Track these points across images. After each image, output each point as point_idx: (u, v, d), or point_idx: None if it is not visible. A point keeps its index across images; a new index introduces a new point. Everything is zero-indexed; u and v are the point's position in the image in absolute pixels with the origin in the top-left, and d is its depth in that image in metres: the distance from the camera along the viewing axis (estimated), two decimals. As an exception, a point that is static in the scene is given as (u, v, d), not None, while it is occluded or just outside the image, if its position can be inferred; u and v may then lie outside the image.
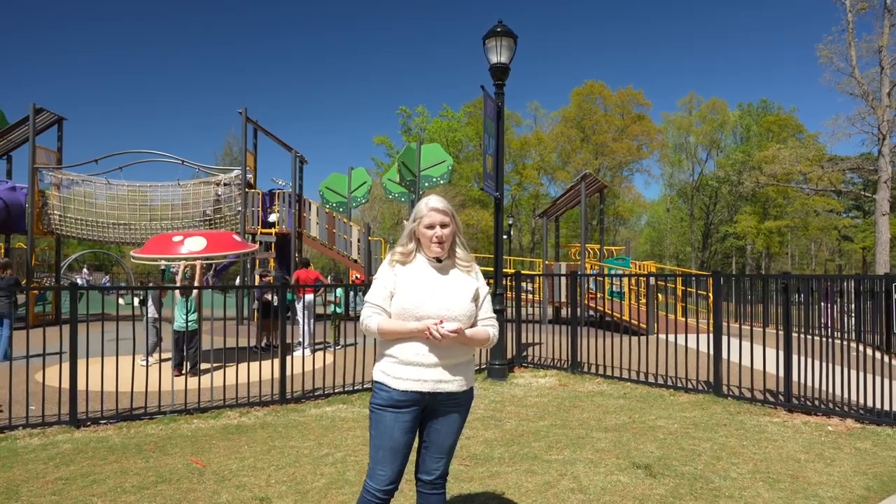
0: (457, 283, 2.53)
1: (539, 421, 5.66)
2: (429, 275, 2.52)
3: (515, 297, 8.53)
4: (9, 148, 15.49)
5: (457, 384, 2.49)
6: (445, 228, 2.51)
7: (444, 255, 2.54)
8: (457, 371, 2.49)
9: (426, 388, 2.43)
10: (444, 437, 2.55)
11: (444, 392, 2.46)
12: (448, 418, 2.53)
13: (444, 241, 2.51)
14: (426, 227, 2.51)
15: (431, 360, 2.43)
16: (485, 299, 2.60)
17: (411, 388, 2.43)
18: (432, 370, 2.44)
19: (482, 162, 7.33)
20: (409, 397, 2.44)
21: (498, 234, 7.89)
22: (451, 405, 2.52)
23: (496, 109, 7.69)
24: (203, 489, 3.97)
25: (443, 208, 2.52)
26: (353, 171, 17.63)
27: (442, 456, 2.56)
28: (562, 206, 16.04)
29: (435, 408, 2.51)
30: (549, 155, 55.84)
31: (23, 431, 5.36)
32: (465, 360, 2.53)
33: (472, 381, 2.59)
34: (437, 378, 2.44)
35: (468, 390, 2.58)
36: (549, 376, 7.82)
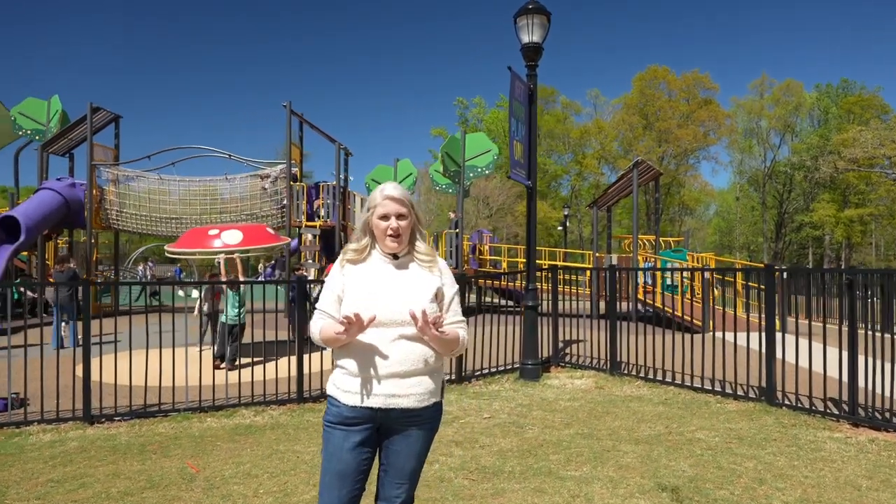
0: (415, 281, 2.20)
1: (564, 429, 5.19)
2: (382, 273, 2.20)
3: (552, 291, 8.02)
4: (70, 146, 16.11)
5: (413, 399, 2.13)
6: (402, 220, 2.19)
7: (401, 249, 2.22)
8: (413, 384, 2.13)
9: (376, 403, 2.11)
10: (404, 459, 2.20)
11: (397, 408, 2.12)
12: (407, 438, 2.19)
13: (401, 234, 2.19)
14: (380, 217, 2.20)
15: (382, 370, 2.10)
16: (452, 300, 2.25)
17: (360, 404, 2.11)
18: (383, 383, 2.10)
19: (511, 148, 6.84)
20: (358, 413, 2.13)
21: (530, 224, 7.41)
22: (410, 423, 2.17)
23: (527, 92, 7.19)
24: (188, 497, 3.76)
25: (399, 196, 2.21)
26: (398, 163, 17.40)
27: (403, 481, 2.22)
28: (614, 195, 15.26)
29: (390, 426, 2.17)
30: (609, 144, 54.09)
31: (37, 427, 5.35)
32: (423, 369, 2.14)
33: (435, 395, 2.20)
34: (389, 392, 2.11)
35: (430, 407, 2.19)
36: (586, 377, 7.29)
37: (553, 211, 51.06)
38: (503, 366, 7.67)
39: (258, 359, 7.78)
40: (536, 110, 7.36)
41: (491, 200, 48.87)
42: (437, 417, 2.25)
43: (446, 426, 5.31)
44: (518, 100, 6.90)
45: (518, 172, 6.92)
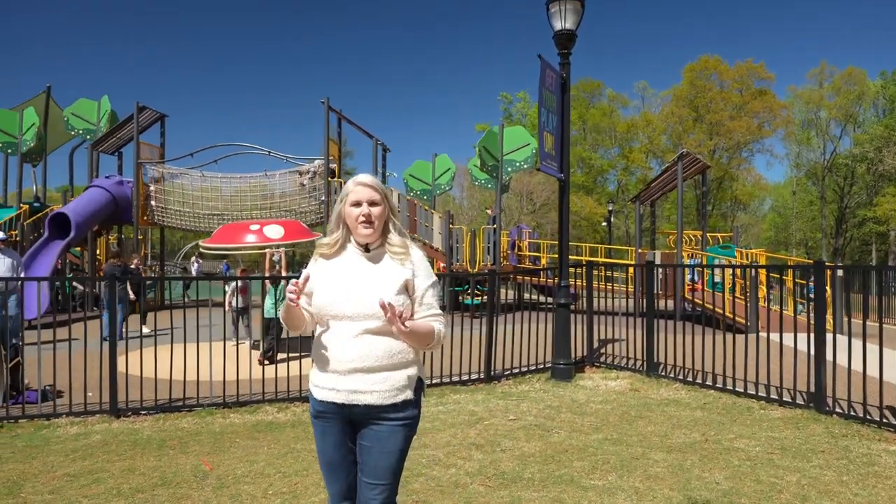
0: (382, 273, 2.15)
1: (593, 433, 4.93)
2: (352, 266, 2.17)
3: (587, 288, 7.72)
4: (119, 145, 16.60)
5: (377, 396, 2.07)
6: (374, 207, 2.14)
7: (374, 238, 2.17)
8: (378, 380, 2.07)
9: (339, 398, 2.09)
10: (375, 456, 2.12)
11: (360, 404, 2.08)
12: (378, 435, 2.12)
13: (373, 221, 2.14)
14: (352, 204, 2.15)
15: (344, 364, 2.07)
16: (425, 292, 2.18)
17: (326, 398, 2.12)
18: (346, 377, 2.08)
19: (540, 140, 6.58)
20: (326, 408, 2.14)
21: (563, 220, 7.13)
22: (377, 420, 2.11)
23: (559, 82, 6.91)
24: (197, 497, 3.70)
25: (371, 183, 2.17)
26: (436, 158, 17.26)
27: (376, 482, 2.12)
28: (657, 189, 14.71)
29: (358, 422, 2.14)
30: (658, 137, 52.64)
31: (66, 419, 5.43)
32: (389, 365, 2.08)
33: (404, 392, 2.11)
34: (351, 387, 2.07)
35: (399, 404, 2.11)
36: (622, 379, 6.98)
37: (599, 207, 50.07)
38: (535, 365, 7.42)
39: (294, 354, 7.77)
40: (569, 100, 7.06)
41: (534, 196, 48.27)
42: (410, 416, 2.16)
43: (469, 427, 5.13)
44: (549, 89, 6.63)
45: (549, 165, 6.65)
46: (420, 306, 2.16)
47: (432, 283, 2.20)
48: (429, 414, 5.61)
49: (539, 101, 6.47)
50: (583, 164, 54.58)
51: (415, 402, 2.18)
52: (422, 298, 2.16)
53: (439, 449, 4.57)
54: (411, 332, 2.05)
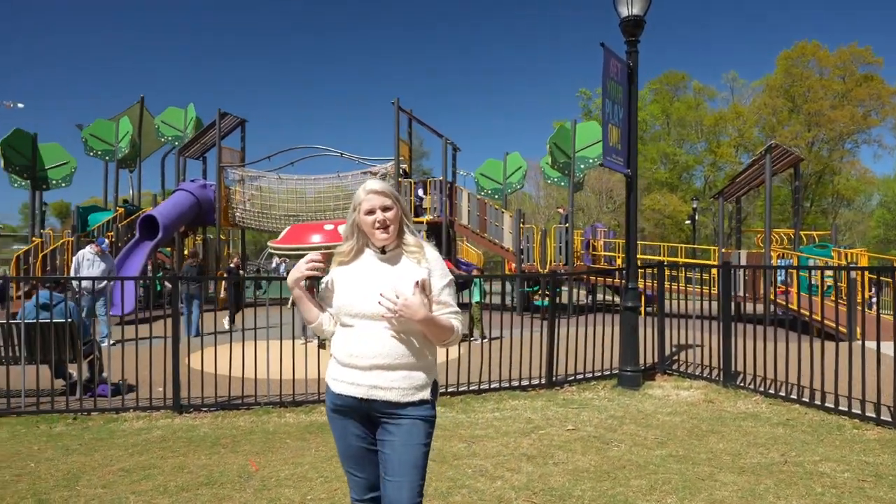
0: (399, 273, 2.18)
1: (656, 449, 4.56)
2: (370, 268, 2.21)
3: (658, 290, 7.25)
4: (203, 150, 17.44)
5: (396, 393, 2.12)
6: (388, 211, 2.18)
7: (391, 242, 2.20)
8: (398, 377, 2.12)
9: (359, 392, 2.13)
10: (399, 451, 2.14)
11: (379, 400, 2.12)
12: (398, 431, 2.15)
13: (389, 225, 2.18)
14: (366, 212, 2.19)
15: (364, 360, 2.12)
16: (442, 290, 2.20)
17: (346, 392, 2.16)
18: (366, 373, 2.12)
19: (604, 133, 6.22)
20: (345, 402, 2.18)
21: (630, 217, 6.72)
22: (396, 416, 2.14)
23: (626, 71, 6.51)
24: (237, 498, 3.68)
25: (382, 189, 2.21)
26: (508, 157, 16.96)
27: (399, 479, 2.12)
28: (742, 184, 13.73)
29: (377, 417, 2.17)
30: (748, 130, 49.67)
31: (133, 414, 5.64)
32: (408, 363, 2.13)
33: (422, 391, 2.16)
34: (371, 383, 2.12)
35: (417, 403, 2.15)
36: (695, 388, 6.49)
37: (684, 204, 47.86)
38: (601, 371, 7.04)
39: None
40: (637, 91, 6.64)
41: (614, 194, 46.78)
42: (429, 415, 2.19)
43: (523, 437, 4.89)
44: (614, 79, 6.26)
45: (614, 160, 6.27)
46: (437, 304, 2.18)
47: (448, 282, 2.23)
48: (483, 421, 5.41)
49: (603, 93, 6.11)
50: (667, 159, 52.41)
51: (431, 403, 2.21)
52: (439, 296, 2.19)
53: (488, 459, 4.37)
54: (430, 321, 2.08)
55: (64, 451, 4.57)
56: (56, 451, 4.59)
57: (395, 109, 14.96)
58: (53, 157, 15.10)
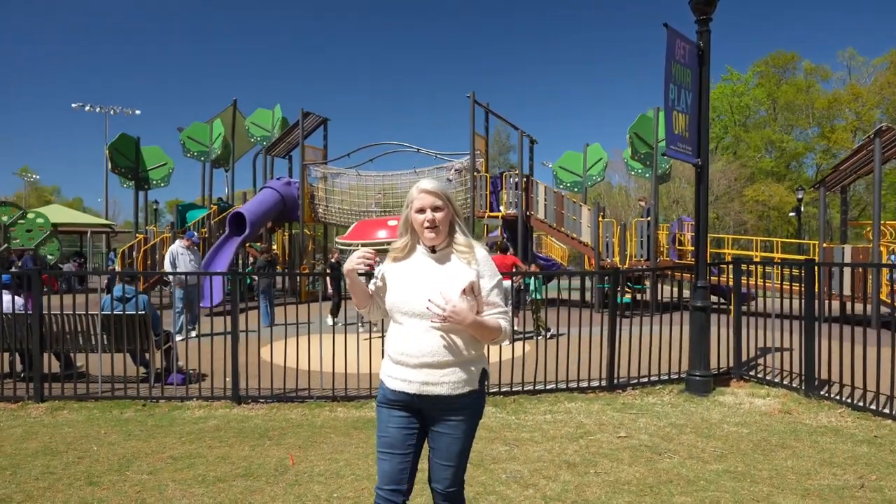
0: (449, 273, 2.26)
1: (712, 462, 4.20)
2: (421, 267, 2.31)
3: (735, 288, 6.71)
4: (289, 149, 18.14)
5: (446, 387, 2.23)
6: (438, 212, 2.26)
7: (440, 241, 2.29)
8: (447, 373, 2.23)
9: (412, 389, 2.25)
10: (447, 442, 2.29)
11: (431, 395, 2.24)
12: (447, 423, 2.28)
13: (438, 226, 2.26)
14: (417, 211, 2.28)
15: (414, 359, 2.23)
16: (490, 291, 2.27)
17: (399, 388, 2.29)
18: (416, 371, 2.24)
19: (668, 120, 5.80)
20: (398, 397, 2.30)
21: (700, 210, 6.24)
22: (447, 409, 2.27)
23: (695, 53, 6.04)
24: (268, 491, 3.74)
25: (433, 189, 2.28)
26: (588, 148, 16.39)
27: (449, 464, 2.31)
28: (848, 172, 12.45)
29: (429, 412, 2.30)
30: (868, 112, 45.31)
31: (196, 402, 5.91)
32: (456, 359, 2.24)
33: (471, 384, 2.27)
34: (422, 380, 2.24)
35: (466, 394, 2.26)
36: (772, 397, 5.94)
37: (790, 195, 44.42)
38: (669, 374, 6.62)
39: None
40: (709, 74, 6.14)
41: (713, 185, 44.20)
42: (476, 404, 2.31)
43: (570, 442, 4.66)
44: (680, 62, 5.81)
45: (679, 149, 5.83)
46: (486, 305, 2.25)
47: (497, 283, 2.29)
48: (531, 423, 5.22)
49: (666, 77, 5.69)
50: (772, 147, 48.95)
51: (480, 393, 2.31)
52: (487, 297, 2.25)
53: (527, 464, 4.19)
54: (478, 324, 2.18)
55: (126, 437, 4.85)
56: (119, 435, 4.89)
57: (471, 103, 14.84)
58: (154, 159, 16.27)
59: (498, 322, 2.24)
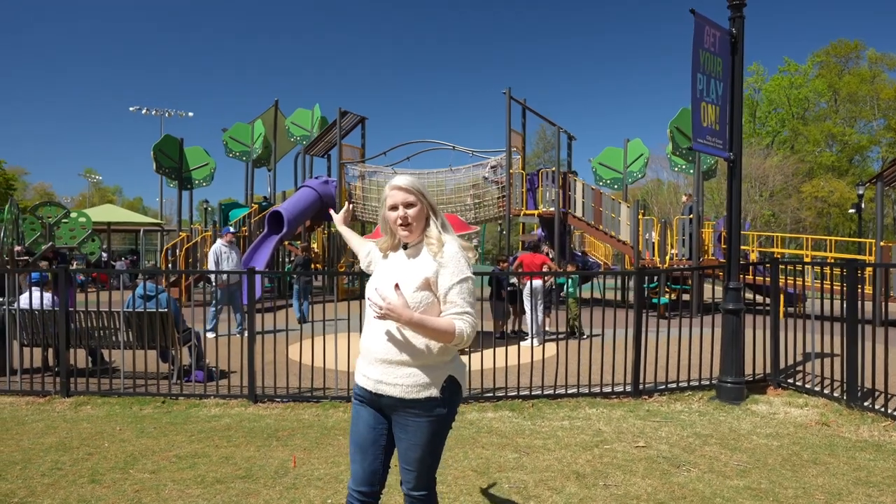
0: (409, 269, 2.21)
1: (734, 478, 3.92)
2: (393, 262, 2.30)
3: (772, 289, 6.32)
4: (327, 148, 18.29)
5: (400, 390, 2.16)
6: (410, 208, 2.23)
7: (414, 237, 2.26)
8: (402, 374, 2.16)
9: (369, 385, 2.25)
10: (405, 446, 2.24)
11: (385, 395, 2.20)
12: (405, 426, 2.22)
13: (410, 223, 2.23)
14: (389, 208, 2.26)
15: (371, 355, 2.23)
16: (450, 289, 2.15)
17: (360, 383, 2.29)
18: (374, 367, 2.23)
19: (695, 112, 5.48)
20: (361, 392, 2.31)
21: (732, 208, 5.88)
22: (404, 412, 2.21)
23: (727, 40, 5.69)
24: (263, 494, 3.69)
25: (405, 185, 2.25)
26: (628, 144, 15.90)
27: (408, 468, 2.25)
28: (909, 166, 11.64)
29: (388, 412, 2.27)
30: (940, 102, 42.58)
31: (213, 400, 5.94)
32: (414, 361, 2.15)
33: (428, 390, 2.16)
34: (377, 378, 2.21)
35: (423, 401, 2.17)
36: (810, 406, 5.55)
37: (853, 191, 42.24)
38: (700, 380, 6.28)
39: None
40: (742, 63, 5.78)
41: (769, 181, 42.42)
42: (437, 415, 2.19)
43: (584, 451, 4.44)
44: (709, 50, 5.48)
45: (708, 142, 5.50)
46: (444, 304, 2.15)
47: (459, 280, 2.15)
48: (547, 429, 5.02)
49: (694, 66, 5.37)
50: (833, 141, 46.66)
51: (442, 401, 2.19)
52: (445, 296, 2.15)
53: (534, 474, 4.01)
54: (419, 323, 2.06)
55: (138, 434, 4.90)
56: (133, 432, 4.94)
57: (507, 99, 14.61)
58: (196, 159, 16.68)
59: (452, 323, 2.09)
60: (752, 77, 50.00)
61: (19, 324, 6.25)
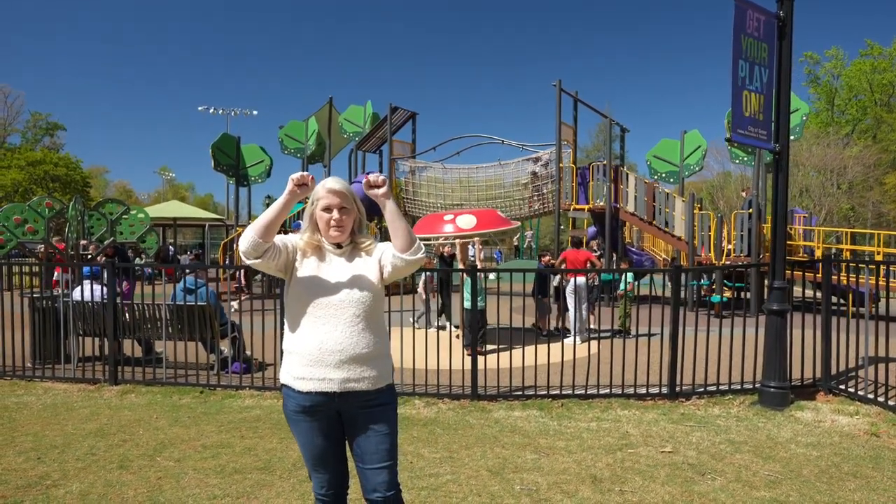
0: (360, 265, 2.30)
1: (762, 489, 3.70)
2: (331, 262, 2.30)
3: (824, 288, 5.93)
4: (378, 144, 18.48)
5: (368, 382, 2.21)
6: (344, 212, 2.27)
7: (344, 239, 2.31)
8: (366, 368, 2.21)
9: (333, 387, 2.18)
10: (375, 442, 2.23)
11: (353, 392, 2.19)
12: (373, 420, 2.24)
13: (343, 225, 2.28)
14: (323, 209, 2.28)
15: (336, 355, 2.18)
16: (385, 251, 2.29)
17: (317, 389, 2.19)
18: (338, 368, 2.18)
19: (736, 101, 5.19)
20: (314, 401, 2.21)
21: (777, 203, 5.55)
22: (367, 407, 2.24)
23: (773, 24, 5.36)
24: (277, 486, 3.77)
25: (340, 189, 2.28)
26: (685, 135, 15.25)
27: (384, 464, 2.24)
28: None
29: (350, 413, 2.24)
30: None
31: (248, 392, 6.12)
32: (374, 352, 2.24)
33: (387, 378, 2.29)
34: (344, 377, 2.18)
35: (384, 389, 2.27)
36: (861, 415, 5.18)
37: (942, 182, 39.17)
38: (742, 383, 5.98)
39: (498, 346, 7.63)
40: (790, 48, 5.43)
41: (848, 173, 39.93)
42: (393, 399, 2.32)
43: (606, 455, 4.31)
44: (752, 36, 5.18)
45: (750, 133, 5.19)
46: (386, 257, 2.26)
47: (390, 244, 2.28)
48: (572, 430, 4.90)
49: (735, 53, 5.07)
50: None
51: (392, 386, 2.33)
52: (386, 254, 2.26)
53: (549, 476, 3.92)
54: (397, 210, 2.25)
55: (172, 422, 5.10)
56: (167, 421, 5.15)
57: (557, 92, 14.34)
58: (252, 156, 17.21)
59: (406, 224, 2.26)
60: (831, 62, 47.15)
61: (73, 315, 6.62)
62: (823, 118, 45.36)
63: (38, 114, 48.11)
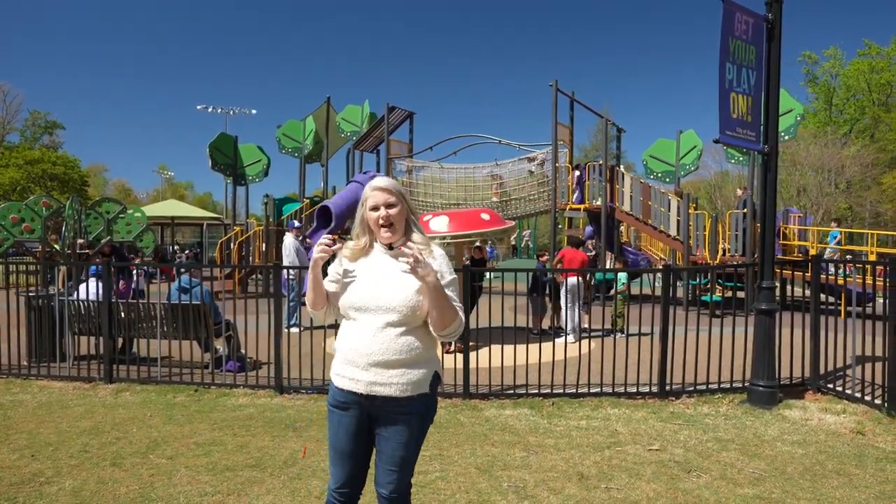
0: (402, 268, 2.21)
1: (746, 486, 3.75)
2: (378, 264, 2.30)
3: (812, 289, 5.99)
4: (376, 143, 18.51)
5: (395, 389, 2.18)
6: (392, 209, 2.26)
7: (396, 239, 2.29)
8: (396, 374, 2.19)
9: (360, 388, 2.21)
10: (392, 447, 2.25)
11: (380, 396, 2.19)
12: (394, 426, 2.24)
13: (392, 223, 2.26)
14: (371, 209, 2.29)
15: (366, 358, 2.19)
16: (448, 286, 2.25)
17: (347, 388, 2.24)
18: (366, 370, 2.19)
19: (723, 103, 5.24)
20: (346, 398, 2.26)
21: (766, 203, 5.60)
22: (395, 412, 2.23)
23: (761, 27, 5.40)
24: (268, 483, 3.81)
25: (386, 186, 2.29)
26: (681, 135, 15.32)
27: (392, 469, 2.26)
28: None
29: (377, 414, 2.25)
30: None
31: (242, 390, 6.17)
32: (407, 360, 2.19)
33: (421, 387, 2.23)
34: (371, 379, 2.19)
35: (416, 398, 2.23)
36: (848, 414, 5.23)
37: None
38: (732, 382, 6.04)
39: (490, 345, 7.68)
40: (779, 50, 5.48)
41: (846, 172, 39.98)
42: (426, 410, 2.28)
43: (594, 453, 4.36)
44: (740, 38, 5.22)
45: (738, 135, 5.24)
46: None
47: (451, 280, 2.27)
48: (561, 429, 4.95)
49: (722, 55, 5.12)
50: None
51: (430, 397, 2.28)
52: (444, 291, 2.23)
53: (537, 473, 3.97)
54: (440, 290, 2.13)
55: (166, 420, 5.15)
56: (161, 419, 5.19)
57: (553, 91, 14.38)
58: (250, 155, 17.26)
59: (455, 306, 2.20)
60: (829, 62, 47.21)
61: (69, 313, 6.66)
62: (821, 118, 45.39)
63: (37, 112, 48.18)
